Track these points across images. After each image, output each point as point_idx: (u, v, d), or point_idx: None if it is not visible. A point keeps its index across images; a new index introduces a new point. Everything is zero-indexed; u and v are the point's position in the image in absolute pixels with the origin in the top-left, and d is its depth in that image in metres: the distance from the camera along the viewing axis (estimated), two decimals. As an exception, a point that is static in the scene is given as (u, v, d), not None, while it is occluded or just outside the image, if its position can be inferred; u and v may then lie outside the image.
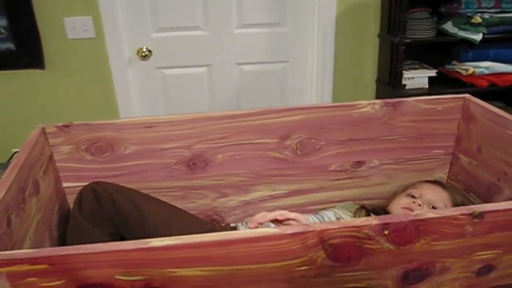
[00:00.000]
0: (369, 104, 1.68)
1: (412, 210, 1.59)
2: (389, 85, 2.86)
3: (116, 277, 0.94)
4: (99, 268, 0.93)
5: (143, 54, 2.84)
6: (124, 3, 2.74)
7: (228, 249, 0.95)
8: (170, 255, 0.94)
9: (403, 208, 1.62)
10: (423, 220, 1.01)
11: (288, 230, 0.97)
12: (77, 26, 2.71)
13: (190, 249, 0.94)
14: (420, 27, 2.74)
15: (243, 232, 0.98)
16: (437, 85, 2.89)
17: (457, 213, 1.03)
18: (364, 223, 0.99)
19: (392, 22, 2.76)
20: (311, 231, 0.98)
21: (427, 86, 2.88)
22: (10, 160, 2.71)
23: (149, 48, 2.86)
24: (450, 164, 1.82)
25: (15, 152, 2.75)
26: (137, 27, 2.82)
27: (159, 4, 2.78)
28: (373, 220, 0.99)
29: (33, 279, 0.91)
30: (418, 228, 1.02)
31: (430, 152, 1.79)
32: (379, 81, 3.00)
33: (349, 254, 1.02)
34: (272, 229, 0.97)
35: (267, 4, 2.87)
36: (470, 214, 1.03)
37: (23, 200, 1.22)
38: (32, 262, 0.90)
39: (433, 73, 2.87)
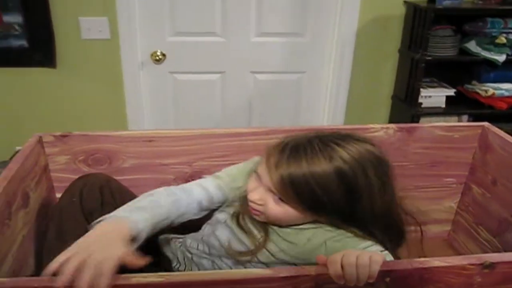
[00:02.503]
0: (382, 128, 1.62)
1: (256, 213, 1.17)
2: (405, 102, 2.78)
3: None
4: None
5: (157, 57, 2.79)
6: (142, 5, 2.69)
7: (214, 290, 0.89)
8: (152, 292, 0.88)
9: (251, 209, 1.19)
10: (428, 269, 0.95)
11: (281, 272, 0.90)
12: (92, 27, 2.66)
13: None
14: (443, 45, 2.66)
15: (231, 272, 0.91)
16: (454, 105, 2.81)
17: (466, 262, 0.96)
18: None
19: (414, 38, 2.68)
20: (306, 275, 0.91)
21: (444, 106, 2.80)
22: (12, 158, 2.67)
23: (164, 52, 2.81)
24: (462, 194, 1.75)
25: (18, 151, 2.71)
26: (153, 30, 2.77)
27: (178, 8, 2.72)
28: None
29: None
30: (422, 277, 0.95)
31: (441, 180, 1.71)
32: (395, 98, 2.92)
33: (346, 300, 0.95)
34: (264, 271, 0.91)
35: (287, 13, 2.80)
36: (481, 264, 0.96)
37: (8, 215, 1.17)
38: (3, 293, 0.84)
39: (451, 92, 2.79)
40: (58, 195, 1.52)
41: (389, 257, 1.06)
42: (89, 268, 0.85)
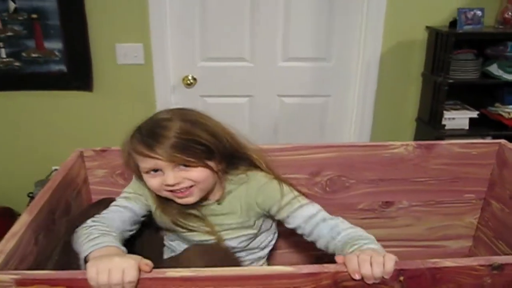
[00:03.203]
0: (402, 145, 1.69)
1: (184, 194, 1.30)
2: (429, 124, 2.84)
3: (131, 304, 0.97)
4: (115, 294, 0.96)
5: (188, 82, 2.91)
6: (174, 32, 2.83)
7: (240, 284, 0.97)
8: (185, 286, 0.97)
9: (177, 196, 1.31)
10: (440, 269, 1.02)
11: (302, 269, 0.98)
12: (128, 52, 2.80)
13: (206, 282, 0.97)
14: (464, 68, 2.72)
15: (257, 268, 1.00)
16: (477, 126, 2.85)
17: (476, 263, 1.03)
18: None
19: (436, 62, 2.75)
20: (326, 272, 0.99)
21: (467, 127, 2.84)
22: (49, 177, 2.80)
23: (195, 77, 2.93)
24: (482, 209, 1.80)
25: (54, 170, 2.84)
26: (185, 56, 2.90)
27: (208, 35, 2.86)
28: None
29: (52, 300, 0.95)
30: (434, 277, 1.02)
31: (461, 196, 1.77)
32: (419, 120, 2.99)
33: (363, 297, 1.03)
34: (286, 267, 0.99)
35: (313, 39, 2.91)
36: (489, 265, 1.03)
37: (52, 221, 1.28)
38: (52, 283, 0.94)
39: (474, 114, 2.84)
40: (97, 206, 1.63)
41: None
42: (118, 271, 0.96)
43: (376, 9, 2.79)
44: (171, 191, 1.29)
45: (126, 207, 1.35)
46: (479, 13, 2.68)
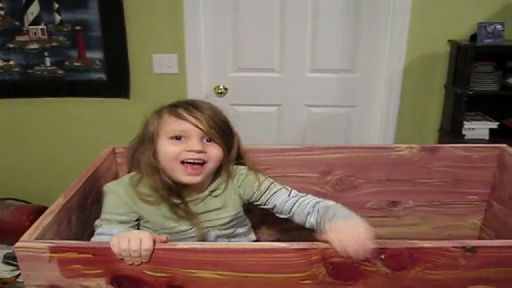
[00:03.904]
0: (407, 147, 1.80)
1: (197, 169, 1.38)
2: (450, 134, 2.93)
3: (145, 271, 1.13)
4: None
5: (220, 91, 3.08)
6: (207, 44, 3.01)
7: (239, 256, 1.12)
8: (192, 257, 1.12)
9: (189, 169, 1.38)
10: (417, 249, 1.14)
11: (294, 245, 1.12)
12: (163, 63, 3.00)
13: (209, 253, 1.12)
14: (484, 80, 2.80)
15: (253, 243, 1.14)
16: (498, 137, 2.91)
17: (450, 245, 1.14)
18: (361, 246, 1.12)
19: (457, 74, 2.85)
20: (315, 248, 1.13)
21: (487, 138, 2.91)
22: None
23: (226, 86, 3.10)
24: (485, 211, 1.88)
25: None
26: (217, 66, 3.08)
27: (239, 46, 3.03)
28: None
29: (78, 266, 1.12)
30: (412, 256, 1.14)
31: (465, 197, 1.86)
32: (441, 130, 3.08)
33: (348, 273, 1.16)
34: (280, 243, 1.13)
35: (339, 51, 3.04)
36: (463, 247, 1.14)
37: (84, 206, 1.45)
38: (80, 251, 1.11)
39: (494, 125, 2.91)
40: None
41: None
42: (136, 240, 1.10)
43: (401, 23, 2.91)
44: (183, 162, 1.37)
45: (109, 234, 1.32)
46: (499, 27, 2.77)
